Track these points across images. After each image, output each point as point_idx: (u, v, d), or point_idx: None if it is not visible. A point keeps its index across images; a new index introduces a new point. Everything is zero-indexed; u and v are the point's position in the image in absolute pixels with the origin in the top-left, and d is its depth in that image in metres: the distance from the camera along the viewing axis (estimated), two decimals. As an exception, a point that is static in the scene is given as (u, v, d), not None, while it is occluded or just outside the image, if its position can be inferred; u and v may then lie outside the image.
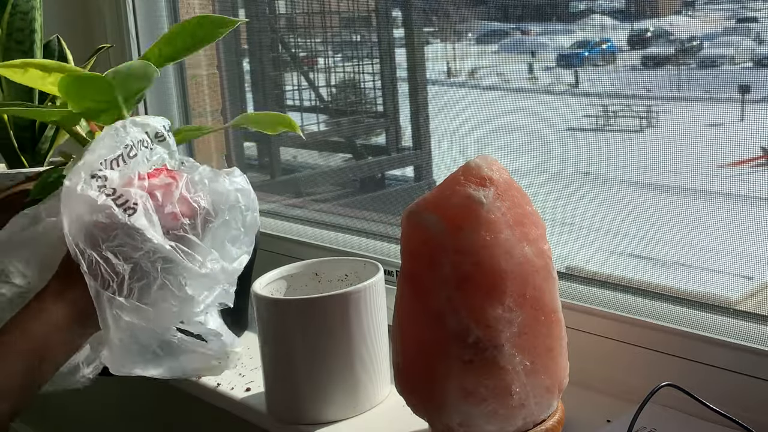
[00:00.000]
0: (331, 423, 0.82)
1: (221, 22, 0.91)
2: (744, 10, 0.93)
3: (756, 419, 0.69)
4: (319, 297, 0.81)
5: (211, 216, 0.74)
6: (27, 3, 0.99)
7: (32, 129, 1.04)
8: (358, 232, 1.16)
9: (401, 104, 1.36)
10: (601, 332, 0.82)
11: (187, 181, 0.75)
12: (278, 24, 1.52)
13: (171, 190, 0.74)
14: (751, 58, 0.92)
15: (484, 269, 0.68)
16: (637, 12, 1.03)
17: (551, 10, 1.09)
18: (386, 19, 1.34)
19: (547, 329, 0.71)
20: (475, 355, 0.68)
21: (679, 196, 0.91)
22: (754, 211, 0.81)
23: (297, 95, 1.51)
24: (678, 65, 1.00)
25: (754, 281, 0.83)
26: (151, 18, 1.36)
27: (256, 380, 0.92)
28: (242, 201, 0.77)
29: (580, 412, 0.78)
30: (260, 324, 0.83)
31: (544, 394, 0.71)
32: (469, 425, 0.70)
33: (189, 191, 0.74)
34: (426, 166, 1.31)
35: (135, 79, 0.84)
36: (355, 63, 1.44)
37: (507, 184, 0.71)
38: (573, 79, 1.13)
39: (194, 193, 0.74)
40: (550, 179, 1.05)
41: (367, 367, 0.82)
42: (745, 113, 0.83)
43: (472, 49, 1.24)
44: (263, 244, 1.08)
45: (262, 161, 1.60)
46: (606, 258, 0.95)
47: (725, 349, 0.74)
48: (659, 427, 0.72)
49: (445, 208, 0.69)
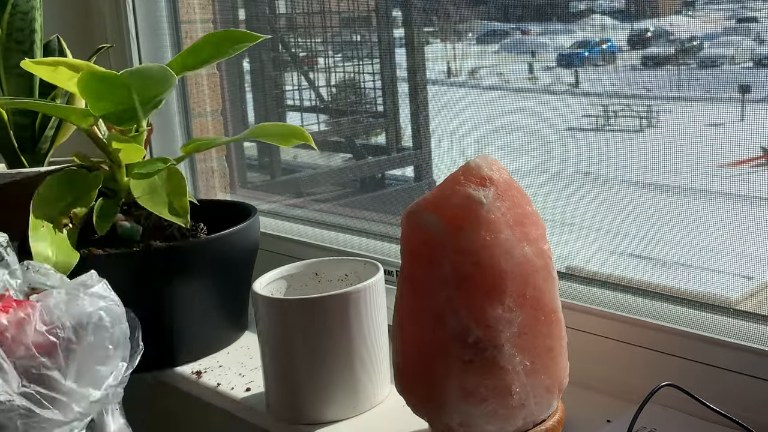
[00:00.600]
0: (331, 423, 0.82)
1: (244, 37, 0.93)
2: (744, 10, 0.93)
3: (756, 419, 0.69)
4: (319, 297, 0.81)
5: (74, 343, 0.67)
6: (27, 3, 0.99)
7: (32, 129, 1.04)
8: (358, 232, 1.16)
9: (401, 104, 1.36)
10: (601, 332, 0.82)
11: (42, 311, 0.67)
12: (278, 24, 1.52)
13: (23, 327, 0.65)
14: (751, 58, 0.92)
15: (484, 269, 0.68)
16: (637, 12, 1.03)
17: (551, 10, 1.09)
18: (386, 19, 1.34)
19: (547, 329, 0.71)
20: (475, 355, 0.68)
21: (680, 196, 0.91)
22: (754, 211, 0.81)
23: (297, 95, 1.51)
24: (678, 65, 1.00)
25: (754, 281, 0.83)
26: (151, 18, 1.36)
27: (256, 380, 0.92)
28: (106, 318, 0.70)
29: (580, 412, 0.78)
30: (260, 324, 0.83)
31: (544, 394, 0.71)
32: (469, 425, 0.70)
33: (45, 323, 0.66)
34: (426, 166, 1.31)
35: (153, 83, 0.84)
36: (355, 63, 1.44)
37: (507, 184, 0.71)
38: (573, 79, 1.13)
39: (51, 325, 0.66)
40: (550, 179, 1.05)
41: (367, 367, 0.82)
42: (745, 113, 0.83)
43: (472, 49, 1.24)
44: (263, 244, 1.08)
45: (262, 161, 1.60)
46: (606, 258, 0.95)
47: (725, 349, 0.74)
48: (659, 427, 0.72)
49: (445, 208, 0.69)
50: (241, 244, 0.99)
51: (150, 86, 0.85)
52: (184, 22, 1.38)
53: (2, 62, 0.99)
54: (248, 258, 1.02)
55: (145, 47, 1.35)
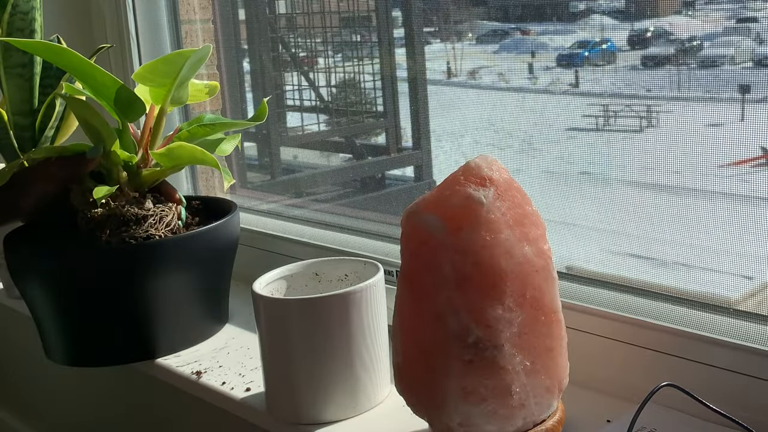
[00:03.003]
0: (331, 423, 0.82)
1: None
2: (744, 10, 0.93)
3: (756, 419, 0.69)
4: (319, 297, 0.81)
5: None
6: (27, 3, 0.99)
7: (32, 129, 1.04)
8: (358, 232, 1.16)
9: (401, 104, 1.36)
10: (601, 332, 0.82)
11: None
12: (278, 24, 1.52)
13: None
14: (751, 58, 0.92)
15: (484, 269, 0.68)
16: (637, 12, 1.03)
17: (551, 10, 1.09)
18: (386, 19, 1.34)
19: (547, 329, 0.71)
20: (475, 355, 0.68)
21: (680, 196, 0.91)
22: (754, 211, 0.81)
23: (297, 95, 1.51)
24: (678, 65, 1.00)
25: (754, 281, 0.83)
26: (151, 18, 1.36)
27: (256, 380, 0.92)
28: None
29: (580, 412, 0.78)
30: (260, 324, 0.83)
31: (544, 394, 0.71)
32: (469, 425, 0.70)
33: None
34: (426, 166, 1.31)
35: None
36: (355, 63, 1.44)
37: (507, 184, 0.71)
38: (573, 79, 1.13)
39: None
40: (550, 179, 1.05)
41: (367, 367, 0.82)
42: (746, 113, 0.83)
43: (472, 49, 1.24)
44: (263, 244, 1.08)
45: (262, 161, 1.60)
46: (606, 258, 0.95)
47: (725, 349, 0.74)
48: (659, 427, 0.72)
49: (445, 208, 0.69)
50: (221, 240, 1.02)
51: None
52: (184, 22, 1.38)
53: (2, 62, 0.99)
54: (229, 252, 1.05)
55: (145, 47, 1.35)
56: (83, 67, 0.90)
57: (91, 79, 0.91)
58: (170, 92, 0.93)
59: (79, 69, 0.90)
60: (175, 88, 0.93)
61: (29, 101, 1.02)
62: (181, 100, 0.98)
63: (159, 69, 0.91)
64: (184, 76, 0.92)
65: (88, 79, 0.91)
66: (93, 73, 0.90)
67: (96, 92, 0.92)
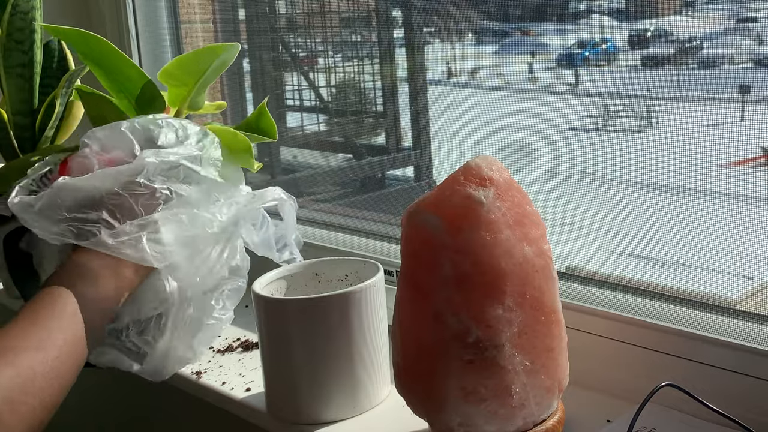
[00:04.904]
0: (331, 423, 0.82)
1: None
2: (744, 10, 0.93)
3: (756, 419, 0.69)
4: (319, 297, 0.81)
5: None
6: (27, 3, 0.99)
7: (32, 129, 1.04)
8: (358, 232, 1.16)
9: (401, 104, 1.36)
10: (601, 332, 0.82)
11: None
12: (278, 24, 1.52)
13: None
14: (751, 58, 0.92)
15: (484, 269, 0.68)
16: (637, 12, 1.03)
17: (551, 10, 1.09)
18: (386, 19, 1.34)
19: (547, 329, 0.71)
20: (475, 355, 0.68)
21: (680, 196, 0.91)
22: (754, 211, 0.81)
23: (297, 95, 1.51)
24: (678, 65, 1.00)
25: (754, 281, 0.83)
26: (151, 18, 1.36)
27: (256, 380, 0.92)
28: None
29: (580, 412, 0.78)
30: (260, 324, 0.83)
31: (544, 394, 0.71)
32: (469, 425, 0.70)
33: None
34: (426, 166, 1.31)
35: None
36: (355, 63, 1.44)
37: (507, 184, 0.71)
38: (573, 79, 1.13)
39: None
40: (550, 179, 1.05)
41: (367, 367, 0.82)
42: (745, 113, 0.83)
43: (472, 49, 1.24)
44: (263, 244, 1.08)
45: (261, 161, 1.59)
46: (606, 258, 0.95)
47: (725, 349, 0.74)
48: (659, 427, 0.72)
49: (445, 208, 0.69)
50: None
51: None
52: (184, 22, 1.38)
53: (2, 62, 0.99)
54: None
55: (145, 47, 1.35)
56: (112, 57, 0.86)
57: (117, 72, 0.87)
58: (190, 93, 0.91)
59: (109, 59, 0.86)
60: (196, 90, 0.90)
61: (29, 101, 1.02)
62: (197, 106, 0.95)
63: (188, 64, 0.87)
64: (208, 77, 0.89)
65: (114, 71, 0.87)
66: (120, 65, 0.87)
67: (118, 86, 0.89)
